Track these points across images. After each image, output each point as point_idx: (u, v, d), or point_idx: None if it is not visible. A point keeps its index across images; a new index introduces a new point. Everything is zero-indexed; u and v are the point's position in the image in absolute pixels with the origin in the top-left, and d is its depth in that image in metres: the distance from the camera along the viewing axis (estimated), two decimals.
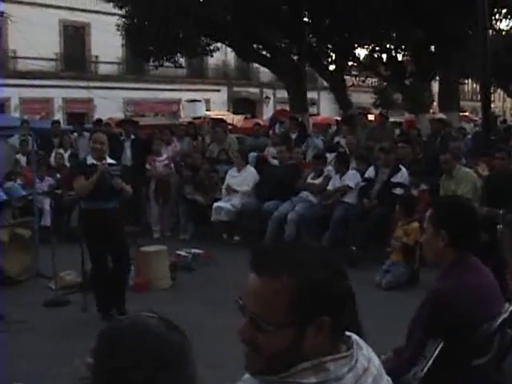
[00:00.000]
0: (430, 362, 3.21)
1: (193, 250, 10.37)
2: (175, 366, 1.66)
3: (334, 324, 1.70)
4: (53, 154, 14.50)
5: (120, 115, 30.90)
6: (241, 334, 1.74)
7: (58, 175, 13.52)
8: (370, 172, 11.04)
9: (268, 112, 37.23)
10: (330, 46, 21.62)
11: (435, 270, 3.67)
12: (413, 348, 3.40)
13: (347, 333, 1.80)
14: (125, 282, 8.14)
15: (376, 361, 1.84)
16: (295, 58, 21.29)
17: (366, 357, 1.81)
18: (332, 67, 22.87)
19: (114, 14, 24.16)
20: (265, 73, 38.91)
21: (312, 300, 1.68)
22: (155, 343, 1.66)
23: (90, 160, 7.74)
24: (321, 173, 11.36)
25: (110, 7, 23.22)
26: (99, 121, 16.35)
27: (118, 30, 22.67)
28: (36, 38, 32.40)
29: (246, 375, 1.83)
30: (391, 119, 20.56)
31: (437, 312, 3.31)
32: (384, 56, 22.47)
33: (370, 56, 23.81)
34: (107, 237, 7.55)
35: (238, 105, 41.43)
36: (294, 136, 14.35)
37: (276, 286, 1.68)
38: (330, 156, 12.13)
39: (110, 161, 7.83)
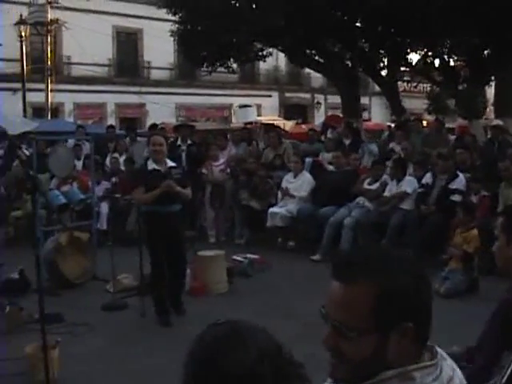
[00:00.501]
0: (509, 371, 3.14)
1: (248, 256, 10.35)
2: (268, 377, 1.64)
3: (418, 331, 1.67)
4: (108, 159, 14.64)
5: (172, 120, 31.12)
6: (325, 342, 1.71)
7: (114, 179, 13.66)
8: (428, 178, 10.91)
9: (319, 117, 37.12)
10: (382, 50, 21.48)
11: (495, 279, 3.61)
12: (487, 358, 3.33)
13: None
14: (183, 285, 8.20)
15: (459, 372, 1.80)
16: (348, 62, 21.21)
17: (450, 367, 1.77)
18: (384, 72, 22.71)
19: (166, 20, 24.34)
20: (316, 78, 38.85)
21: (395, 306, 1.65)
22: (252, 352, 1.64)
23: (151, 165, 7.78)
24: (378, 178, 11.27)
25: (162, 13, 23.39)
26: (154, 125, 16.46)
27: (171, 35, 22.83)
28: (89, 44, 32.84)
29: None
30: None
31: (508, 322, 3.24)
32: (437, 61, 22.24)
33: (422, 61, 23.58)
34: (168, 240, 7.59)
35: (289, 110, 41.38)
36: (347, 141, 14.26)
37: (359, 292, 1.65)
38: None
39: (170, 164, 7.87)
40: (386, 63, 22.23)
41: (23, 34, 28.27)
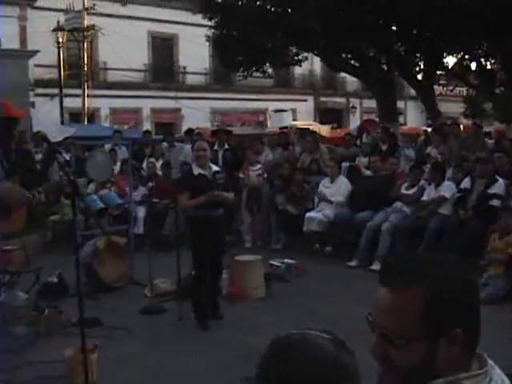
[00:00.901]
0: None
1: (285, 260, 10.31)
2: None
3: (467, 337, 1.63)
4: (144, 163, 14.71)
5: (207, 125, 31.25)
6: (372, 350, 1.69)
7: (151, 184, 13.72)
8: (466, 183, 10.79)
9: (354, 122, 36.94)
10: (418, 54, 21.35)
11: None
12: None
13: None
14: (220, 289, 8.23)
15: (508, 382, 1.76)
16: (384, 66, 21.11)
17: (500, 376, 1.73)
18: (420, 76, 22.57)
19: (201, 26, 24.43)
20: (351, 82, 38.75)
21: (444, 312, 1.62)
22: (326, 361, 1.61)
23: (197, 169, 7.82)
24: (416, 183, 11.18)
25: (197, 18, 23.54)
26: (190, 130, 16.51)
27: (207, 40, 22.93)
28: (125, 50, 33.09)
29: None
30: None
31: None
32: (473, 64, 22.09)
33: (458, 64, 23.42)
34: (211, 244, 7.61)
35: (325, 115, 41.27)
36: (384, 146, 14.18)
37: (407, 298, 1.63)
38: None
39: (215, 168, 7.90)
40: (421, 67, 22.11)
41: (60, 40, 28.54)
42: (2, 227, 4.88)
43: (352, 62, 21.47)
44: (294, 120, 31.31)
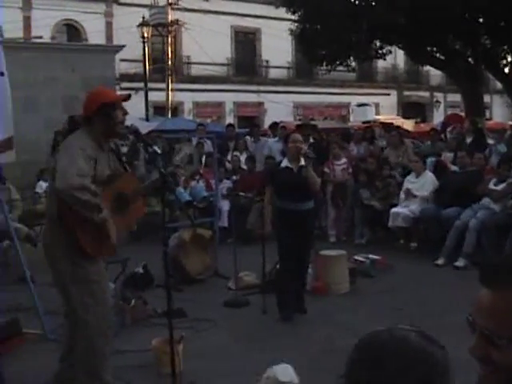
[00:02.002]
0: None
1: (370, 256, 10.20)
2: None
3: None
4: (229, 157, 14.79)
5: (290, 119, 31.25)
6: (472, 350, 1.64)
7: (235, 177, 13.78)
8: None
9: (438, 116, 36.41)
10: (505, 47, 20.88)
11: None
12: None
13: None
14: (305, 283, 8.20)
15: None
16: (470, 59, 20.73)
17: None
18: (508, 69, 22.08)
19: (284, 19, 24.45)
20: (435, 76, 38.22)
21: None
22: (417, 358, 1.58)
23: (285, 162, 7.81)
24: (505, 179, 10.89)
25: (280, 12, 23.55)
26: (275, 124, 16.50)
27: (290, 34, 22.92)
28: (208, 44, 33.44)
29: None
30: None
31: None
32: None
33: None
34: (299, 237, 7.58)
35: (408, 109, 40.78)
36: (469, 141, 13.87)
37: (509, 298, 1.57)
38: None
39: (302, 162, 7.86)
40: (509, 59, 21.64)
41: (145, 35, 28.99)
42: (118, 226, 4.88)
43: (437, 55, 21.14)
44: (377, 114, 31.12)
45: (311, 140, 13.62)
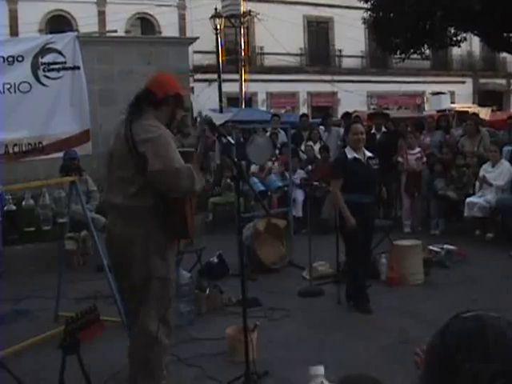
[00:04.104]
0: None
1: (445, 246, 10.04)
2: None
3: None
4: (303, 147, 14.78)
5: (363, 109, 31.07)
6: None
7: (309, 167, 13.78)
8: None
9: None
10: None
11: None
12: None
13: None
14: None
15: None
16: None
17: None
18: None
19: (357, 8, 24.27)
20: None
21: None
22: (506, 343, 1.57)
23: (351, 153, 7.73)
24: None
25: (353, 1, 23.47)
26: (347, 114, 16.41)
27: (363, 23, 22.73)
28: (281, 35, 33.43)
29: None
30: None
31: None
32: None
33: None
34: (362, 230, 7.55)
35: (484, 97, 40.00)
36: None
37: None
38: None
39: (368, 154, 7.81)
40: None
41: (218, 26, 29.15)
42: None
43: None
44: (452, 103, 30.64)
45: (383, 129, 13.45)
